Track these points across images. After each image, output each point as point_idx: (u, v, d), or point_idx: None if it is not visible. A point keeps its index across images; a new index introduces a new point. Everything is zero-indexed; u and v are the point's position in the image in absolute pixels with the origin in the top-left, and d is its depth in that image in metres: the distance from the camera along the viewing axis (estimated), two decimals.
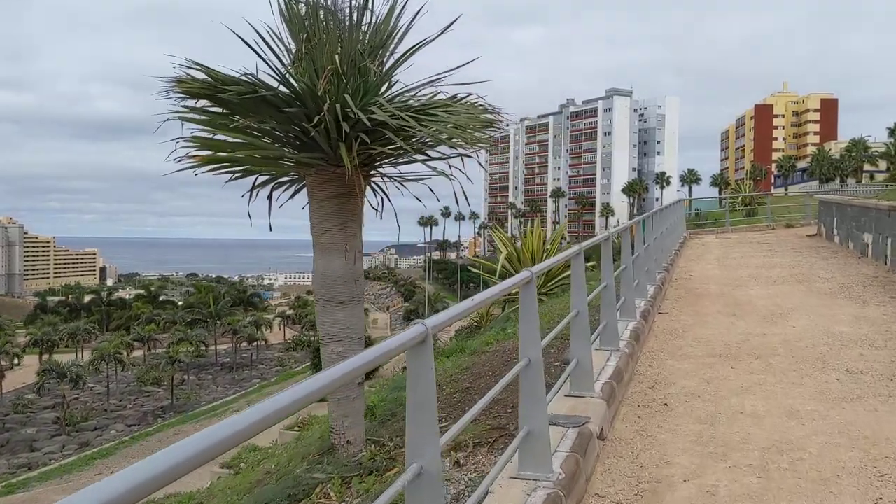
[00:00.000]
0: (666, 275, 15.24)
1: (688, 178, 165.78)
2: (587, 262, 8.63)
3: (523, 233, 23.91)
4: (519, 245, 20.12)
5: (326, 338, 7.33)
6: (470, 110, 7.27)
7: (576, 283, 6.69)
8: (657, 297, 12.67)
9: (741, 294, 13.79)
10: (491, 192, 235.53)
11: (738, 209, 57.32)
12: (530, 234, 18.90)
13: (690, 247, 24.31)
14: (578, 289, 6.68)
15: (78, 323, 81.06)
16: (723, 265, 18.68)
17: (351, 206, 6.97)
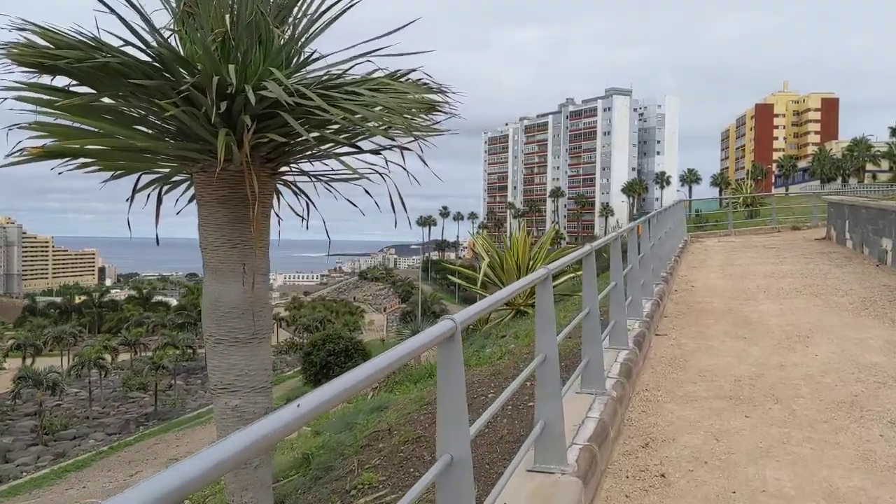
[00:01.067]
0: (664, 287, 13.56)
1: (688, 178, 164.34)
2: None
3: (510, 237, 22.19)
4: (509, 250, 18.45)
5: (219, 387, 5.60)
6: (409, 89, 5.55)
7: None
8: (654, 314, 10.99)
9: (750, 310, 12.10)
10: (490, 192, 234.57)
11: (739, 210, 55.70)
12: (516, 241, 17.17)
13: (692, 251, 22.61)
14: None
15: (64, 326, 79.16)
16: (727, 274, 16.98)
17: (250, 215, 5.24)
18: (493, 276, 16.53)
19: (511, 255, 16.73)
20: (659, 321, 11.28)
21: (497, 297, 4.17)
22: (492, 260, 16.85)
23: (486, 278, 16.63)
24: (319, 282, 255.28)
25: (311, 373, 60.72)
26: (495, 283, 16.60)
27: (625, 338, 8.47)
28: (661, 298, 12.53)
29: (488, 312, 15.27)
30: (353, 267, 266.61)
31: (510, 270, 16.19)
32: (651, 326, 10.24)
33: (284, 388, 63.30)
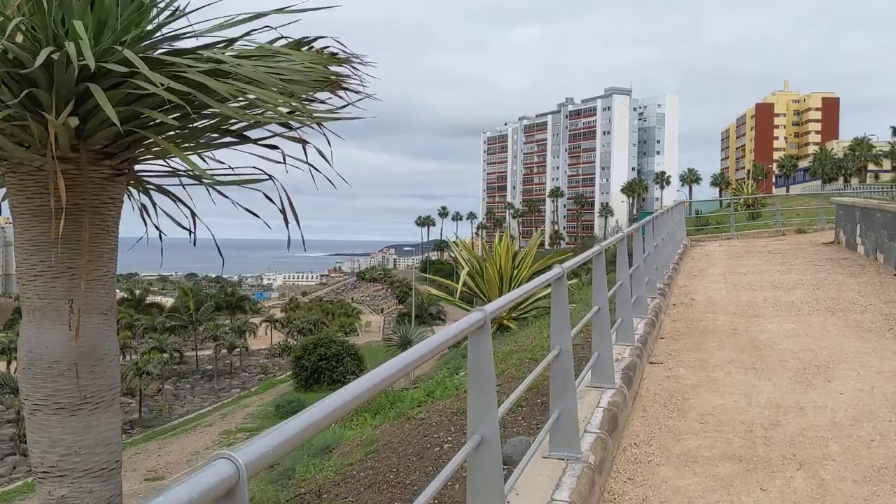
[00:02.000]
0: (661, 301, 12.07)
1: (688, 178, 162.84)
2: None
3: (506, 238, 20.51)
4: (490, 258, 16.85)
5: (39, 470, 4.07)
6: (312, 60, 4.04)
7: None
8: (648, 337, 9.49)
9: (758, 330, 10.59)
10: (489, 191, 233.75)
11: (740, 211, 54.18)
12: (498, 248, 15.61)
13: (691, 257, 21.11)
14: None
15: None
16: (731, 283, 15.47)
17: (83, 232, 3.72)
18: (473, 285, 15.03)
19: (492, 264, 15.21)
20: (654, 344, 9.79)
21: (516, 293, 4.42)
22: (471, 269, 15.34)
23: (465, 289, 15.16)
24: (319, 282, 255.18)
25: (302, 378, 59.24)
26: (476, 295, 15.15)
27: (611, 373, 6.97)
28: (657, 316, 11.03)
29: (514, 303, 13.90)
30: (353, 267, 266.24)
31: (491, 281, 14.70)
32: (644, 353, 8.74)
33: (275, 392, 61.86)
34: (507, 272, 14.90)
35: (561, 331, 5.02)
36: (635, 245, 10.46)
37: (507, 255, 15.27)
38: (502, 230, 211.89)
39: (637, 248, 10.50)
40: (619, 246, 9.16)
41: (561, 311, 5.07)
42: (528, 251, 16.74)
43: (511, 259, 15.47)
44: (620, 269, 8.58)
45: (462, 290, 15.14)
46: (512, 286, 14.61)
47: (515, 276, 15.03)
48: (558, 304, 5.10)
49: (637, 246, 10.50)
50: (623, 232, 9.87)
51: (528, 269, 15.14)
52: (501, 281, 14.76)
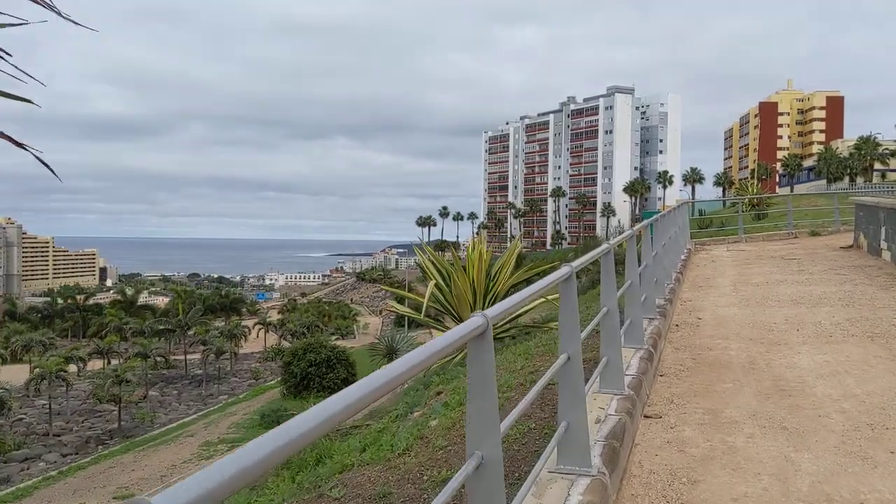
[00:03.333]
0: (661, 323, 9.89)
1: (691, 178, 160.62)
2: None
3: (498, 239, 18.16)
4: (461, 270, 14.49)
5: None
6: None
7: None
8: (644, 378, 7.31)
9: (783, 364, 8.41)
10: (490, 191, 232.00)
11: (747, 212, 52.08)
12: (471, 258, 13.30)
13: (697, 264, 18.91)
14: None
15: (33, 334, 75.24)
16: (743, 297, 13.28)
17: None
18: (442, 298, 12.85)
19: (463, 275, 12.95)
20: (652, 385, 7.62)
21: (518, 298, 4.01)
22: (439, 281, 13.09)
23: (431, 305, 12.99)
24: (321, 282, 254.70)
25: (291, 384, 57.07)
26: (445, 312, 12.97)
27: (586, 446, 4.79)
28: (656, 344, 8.85)
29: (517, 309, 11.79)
30: (354, 267, 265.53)
31: (461, 296, 12.51)
32: (637, 403, 6.55)
33: (264, 398, 59.71)
34: (480, 285, 12.70)
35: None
36: (628, 260, 8.32)
37: (480, 264, 13.01)
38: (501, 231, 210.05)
39: (630, 263, 8.35)
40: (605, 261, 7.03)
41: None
42: (506, 260, 14.27)
43: (484, 269, 13.23)
44: (605, 295, 6.44)
45: (428, 306, 12.98)
46: (487, 302, 12.46)
47: (491, 288, 12.85)
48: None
49: (630, 260, 8.34)
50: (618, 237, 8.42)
51: (506, 281, 12.91)
52: (474, 295, 12.57)
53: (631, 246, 8.32)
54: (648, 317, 10.07)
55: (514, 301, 3.89)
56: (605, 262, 6.54)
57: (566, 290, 4.78)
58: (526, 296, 4.13)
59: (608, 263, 6.53)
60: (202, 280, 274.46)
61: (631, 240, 9.19)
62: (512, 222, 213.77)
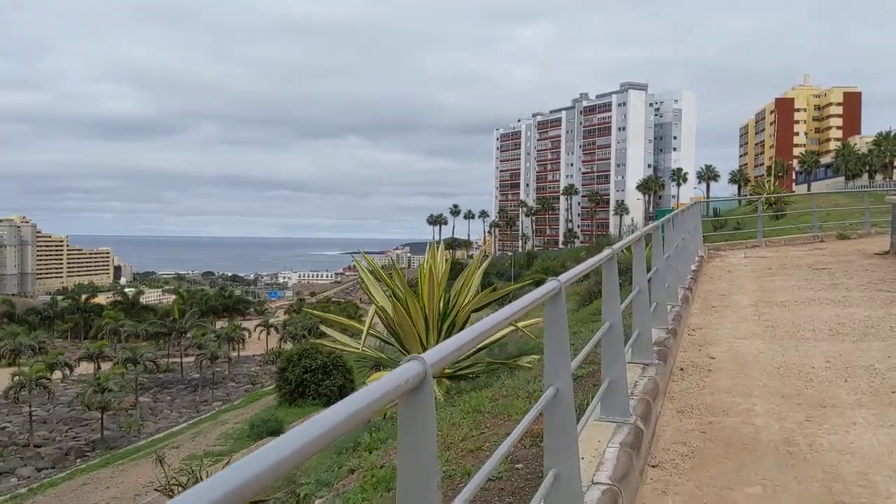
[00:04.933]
0: (659, 371, 7.23)
1: (705, 175, 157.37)
2: None
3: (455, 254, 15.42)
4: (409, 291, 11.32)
5: None
6: None
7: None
8: (626, 480, 4.68)
9: (835, 446, 5.71)
10: (502, 189, 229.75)
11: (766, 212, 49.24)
12: (423, 275, 10.34)
13: (710, 275, 16.17)
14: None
15: (23, 338, 72.79)
16: (768, 324, 10.57)
17: None
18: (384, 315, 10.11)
19: (412, 298, 10.13)
20: (639, 488, 4.98)
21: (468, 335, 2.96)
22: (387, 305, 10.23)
23: (374, 334, 10.36)
24: (334, 280, 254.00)
25: (286, 391, 54.53)
26: (389, 343, 10.33)
27: None
28: (649, 411, 6.19)
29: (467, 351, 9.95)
30: (366, 266, 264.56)
31: (405, 325, 9.75)
32: None
33: (260, 405, 57.29)
34: (433, 310, 9.93)
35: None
36: (605, 290, 5.70)
37: (432, 283, 10.11)
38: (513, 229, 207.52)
39: (608, 293, 5.72)
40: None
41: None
42: (468, 275, 11.21)
43: (441, 288, 10.39)
44: (608, 306, 3.88)
45: (371, 334, 10.34)
46: (444, 331, 9.80)
47: (449, 312, 10.11)
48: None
49: (609, 292, 5.71)
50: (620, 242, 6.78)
51: (468, 305, 10.06)
52: (427, 322, 9.88)
53: (610, 273, 5.70)
54: (642, 362, 7.41)
55: (466, 339, 2.90)
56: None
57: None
58: (487, 327, 3.17)
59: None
60: (216, 278, 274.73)
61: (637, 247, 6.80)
62: (524, 220, 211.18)
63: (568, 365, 4.11)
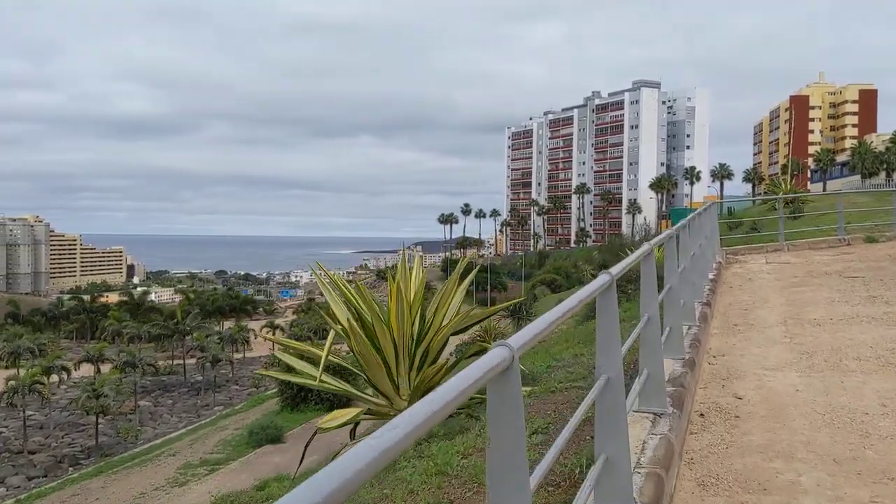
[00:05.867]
0: (672, 424, 5.63)
1: (719, 174, 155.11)
2: None
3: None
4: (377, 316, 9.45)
5: None
6: None
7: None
8: None
9: None
10: (513, 188, 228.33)
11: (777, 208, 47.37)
12: (392, 294, 8.45)
13: (729, 284, 14.51)
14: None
15: (21, 340, 71.45)
16: (803, 348, 8.90)
17: None
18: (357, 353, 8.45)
19: (382, 324, 8.35)
20: None
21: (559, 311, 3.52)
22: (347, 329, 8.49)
23: (338, 360, 8.77)
24: (346, 279, 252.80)
25: (288, 396, 52.92)
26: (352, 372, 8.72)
27: None
28: (664, 479, 4.61)
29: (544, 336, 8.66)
30: (378, 264, 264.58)
31: (367, 354, 8.09)
32: None
33: (261, 410, 55.77)
34: (404, 336, 8.25)
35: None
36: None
37: (401, 303, 8.34)
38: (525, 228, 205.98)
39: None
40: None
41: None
42: (448, 291, 9.32)
43: (419, 308, 8.69)
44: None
45: (331, 363, 8.74)
46: (417, 359, 8.17)
47: (423, 336, 8.45)
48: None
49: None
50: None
51: (446, 328, 8.35)
52: (396, 352, 8.22)
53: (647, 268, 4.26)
54: (653, 411, 5.82)
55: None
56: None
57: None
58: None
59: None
60: (229, 277, 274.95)
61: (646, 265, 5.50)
62: (535, 219, 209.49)
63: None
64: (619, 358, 4.32)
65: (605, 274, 4.35)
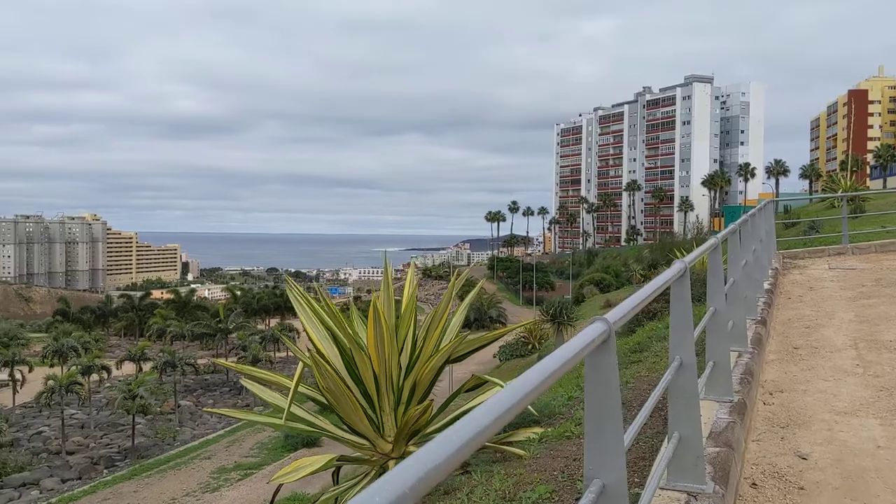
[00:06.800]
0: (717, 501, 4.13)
1: (774, 170, 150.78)
2: None
3: None
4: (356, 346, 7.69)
5: None
6: None
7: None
8: None
9: None
10: (562, 185, 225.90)
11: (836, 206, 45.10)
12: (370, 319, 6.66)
13: (787, 295, 12.79)
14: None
15: (67, 339, 71.32)
16: (880, 383, 7.20)
17: None
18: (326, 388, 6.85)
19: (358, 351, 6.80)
20: None
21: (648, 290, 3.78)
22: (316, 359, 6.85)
23: (307, 390, 7.35)
24: (394, 276, 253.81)
25: None
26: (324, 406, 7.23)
27: None
28: None
29: None
30: (426, 262, 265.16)
31: (340, 393, 6.59)
32: None
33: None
34: (387, 366, 6.69)
35: (683, 338, 4.59)
36: None
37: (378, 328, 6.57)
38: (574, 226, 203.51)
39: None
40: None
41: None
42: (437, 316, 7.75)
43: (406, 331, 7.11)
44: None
45: (307, 391, 7.33)
46: (402, 394, 6.70)
47: (412, 367, 6.94)
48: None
49: None
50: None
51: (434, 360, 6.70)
52: (377, 385, 6.72)
53: None
54: (685, 489, 4.29)
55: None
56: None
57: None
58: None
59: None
60: (280, 274, 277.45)
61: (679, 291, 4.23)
62: (584, 217, 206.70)
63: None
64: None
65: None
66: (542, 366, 2.32)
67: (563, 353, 2.47)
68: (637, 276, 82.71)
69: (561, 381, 9.70)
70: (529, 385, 2.15)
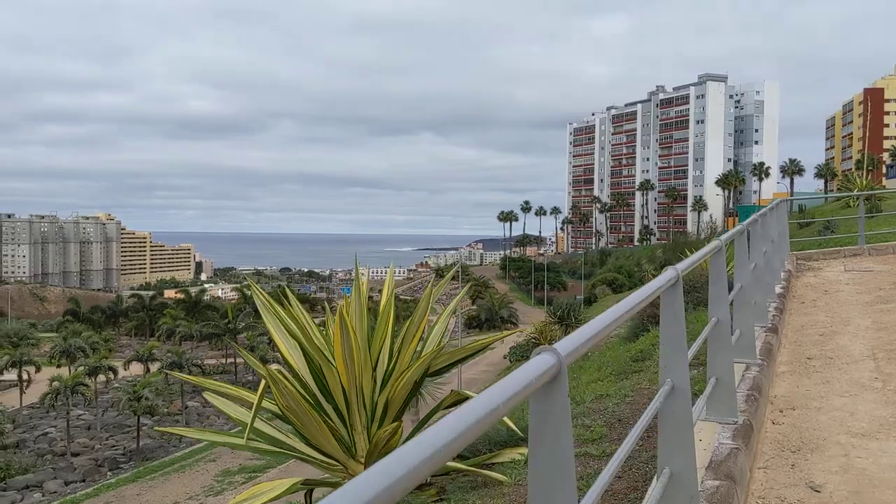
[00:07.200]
0: None
1: (789, 169, 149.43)
2: None
3: None
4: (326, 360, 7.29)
5: None
6: None
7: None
8: None
9: None
10: (575, 185, 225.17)
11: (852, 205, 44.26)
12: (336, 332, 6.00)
13: (800, 299, 12.11)
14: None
15: (75, 339, 71.06)
16: None
17: None
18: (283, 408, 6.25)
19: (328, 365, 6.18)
20: None
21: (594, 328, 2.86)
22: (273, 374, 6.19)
23: (270, 413, 6.72)
24: (406, 276, 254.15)
25: None
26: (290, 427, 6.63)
27: None
28: None
29: None
30: (438, 262, 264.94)
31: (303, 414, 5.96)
32: None
33: None
34: (358, 381, 6.09)
35: (675, 358, 4.22)
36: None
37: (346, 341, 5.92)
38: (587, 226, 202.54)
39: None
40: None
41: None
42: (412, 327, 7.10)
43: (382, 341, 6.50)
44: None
45: (265, 412, 6.73)
46: (377, 411, 6.14)
47: (387, 381, 6.35)
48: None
49: None
50: None
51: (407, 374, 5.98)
52: (347, 402, 6.12)
53: None
54: None
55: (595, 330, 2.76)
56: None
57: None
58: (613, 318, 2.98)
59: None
60: (293, 274, 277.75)
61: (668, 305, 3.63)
62: (597, 217, 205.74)
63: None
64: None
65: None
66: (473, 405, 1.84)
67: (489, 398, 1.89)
68: (650, 276, 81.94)
69: None
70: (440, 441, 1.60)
